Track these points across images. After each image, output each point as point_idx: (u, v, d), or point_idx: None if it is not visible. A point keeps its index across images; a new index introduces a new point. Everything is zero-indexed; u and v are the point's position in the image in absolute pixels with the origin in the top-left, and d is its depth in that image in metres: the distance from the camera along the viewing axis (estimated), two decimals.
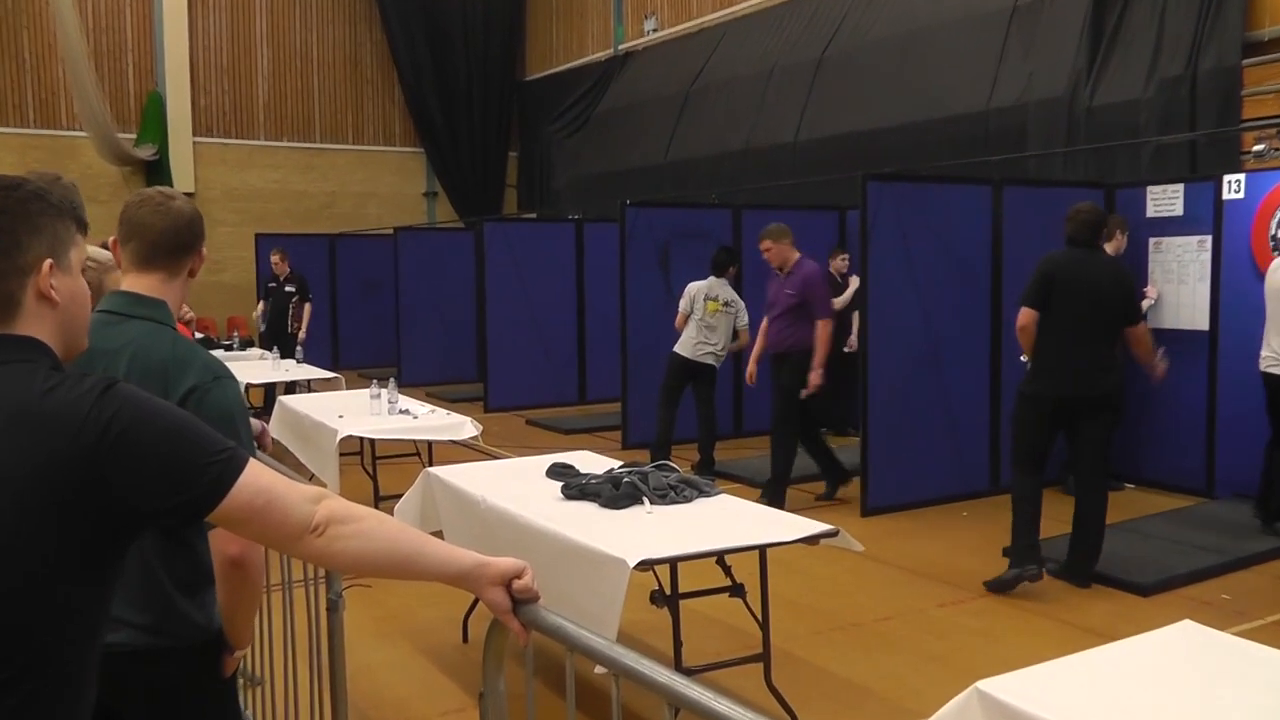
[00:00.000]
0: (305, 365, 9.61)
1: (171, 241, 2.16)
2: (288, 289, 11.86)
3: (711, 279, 8.09)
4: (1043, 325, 5.22)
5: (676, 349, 8.08)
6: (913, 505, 7.05)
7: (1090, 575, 5.40)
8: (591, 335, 11.92)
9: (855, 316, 9.66)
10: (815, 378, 6.74)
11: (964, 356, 7.35)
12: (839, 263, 9.60)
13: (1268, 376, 5.94)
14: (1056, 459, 5.84)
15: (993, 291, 7.43)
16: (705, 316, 7.96)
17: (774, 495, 6.91)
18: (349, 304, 16.06)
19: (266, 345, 11.09)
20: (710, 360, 8.03)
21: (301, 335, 11.17)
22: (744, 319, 8.07)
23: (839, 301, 9.34)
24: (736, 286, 8.48)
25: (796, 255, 6.95)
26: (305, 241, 15.47)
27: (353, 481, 6.91)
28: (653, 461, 4.55)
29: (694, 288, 8.07)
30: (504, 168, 20.32)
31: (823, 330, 6.74)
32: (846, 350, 9.53)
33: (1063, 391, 5.24)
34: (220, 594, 2.06)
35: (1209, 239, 7.20)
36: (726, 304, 8.04)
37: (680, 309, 8.08)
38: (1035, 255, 5.57)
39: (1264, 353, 5.96)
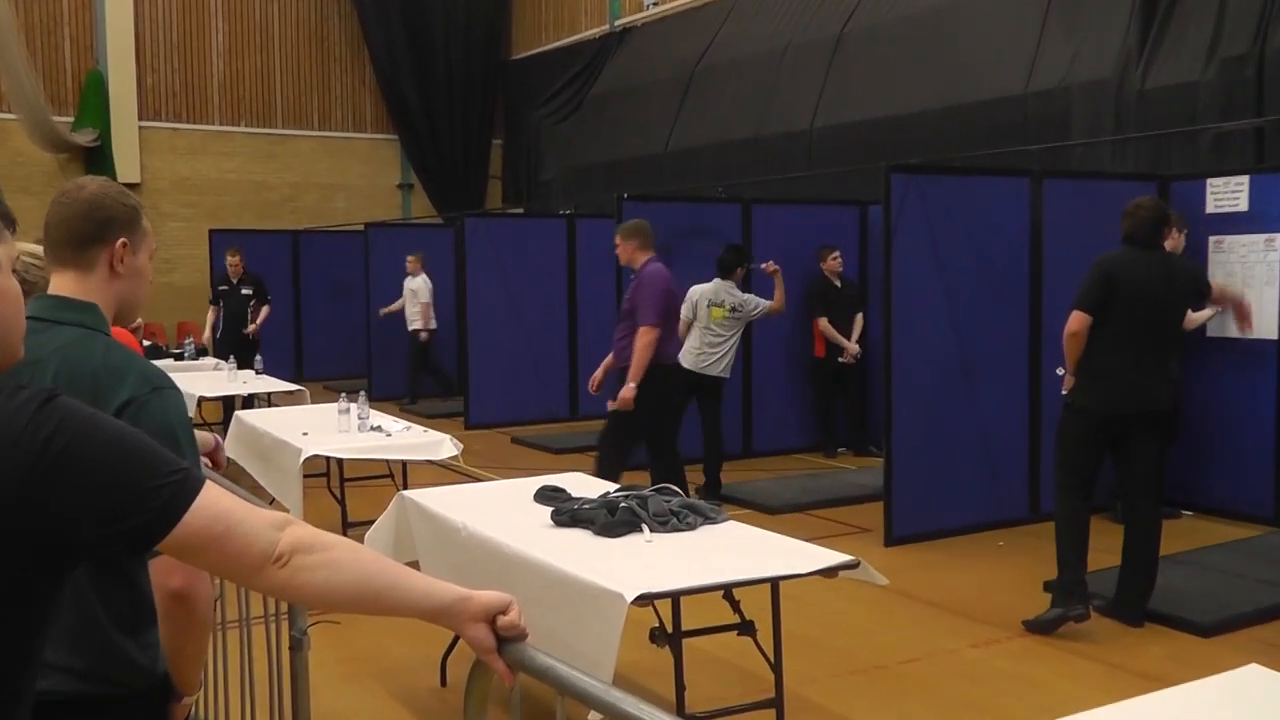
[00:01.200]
0: (265, 377, 9.61)
1: (71, 233, 2.10)
2: (244, 291, 11.86)
3: (717, 282, 8.11)
4: (1096, 333, 5.22)
5: (679, 360, 8.08)
6: (942, 534, 7.06)
7: (1143, 613, 5.40)
8: (585, 344, 11.92)
9: (857, 322, 9.72)
10: (626, 393, 6.48)
11: (999, 368, 7.35)
12: (832, 262, 9.65)
13: None
14: (1104, 482, 5.84)
15: (1031, 296, 7.44)
16: (710, 324, 7.99)
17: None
18: (314, 308, 16.06)
19: (222, 355, 11.11)
20: (717, 372, 8.05)
21: (252, 329, 11.24)
22: (761, 304, 8.16)
23: (821, 325, 9.53)
24: (746, 290, 8.50)
25: (644, 256, 6.71)
26: (265, 239, 15.49)
27: (318, 506, 6.90)
28: (653, 484, 4.54)
29: (696, 292, 8.09)
30: (487, 157, 20.36)
31: (641, 338, 6.47)
32: (843, 361, 9.58)
33: (1116, 407, 5.24)
34: (163, 633, 2.04)
35: (1278, 237, 7.21)
36: (734, 309, 8.05)
37: (682, 316, 8.09)
38: (1079, 255, 5.59)
39: None
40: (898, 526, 6.95)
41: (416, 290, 12.94)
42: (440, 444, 6.25)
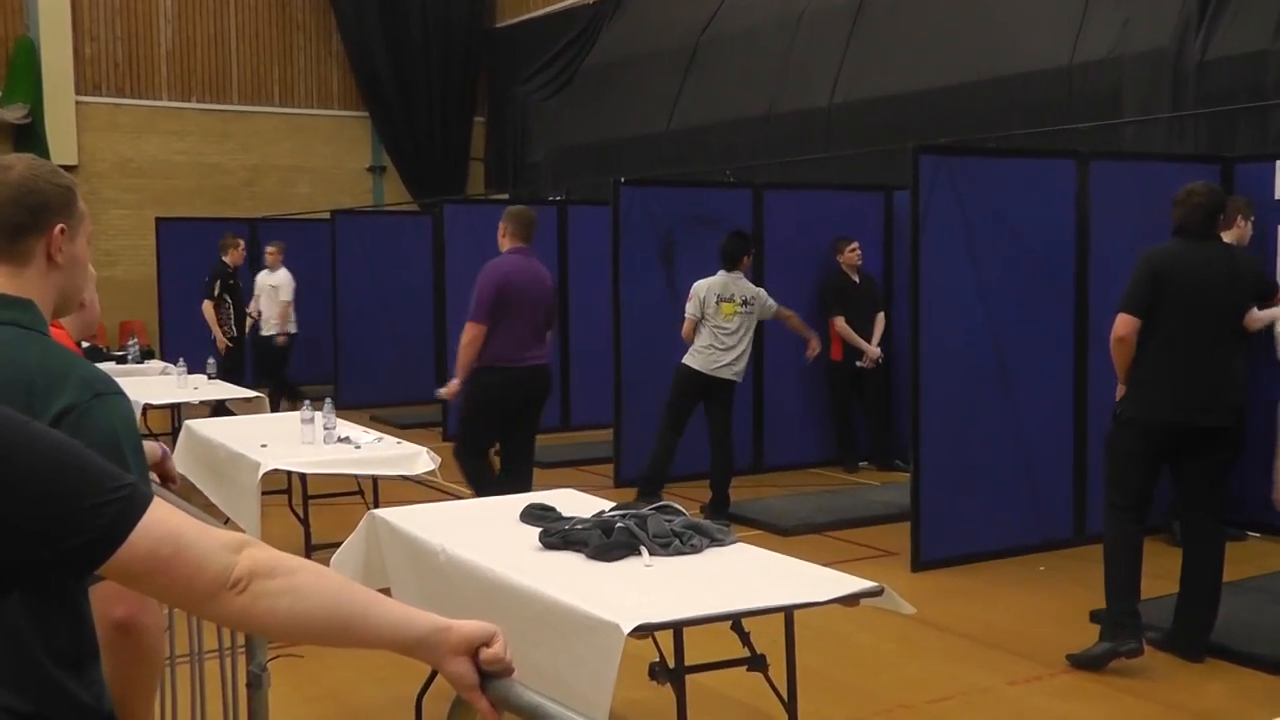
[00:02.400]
0: (219, 382, 9.61)
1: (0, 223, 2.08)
2: (205, 282, 11.91)
3: (723, 274, 8.12)
4: (1146, 336, 5.22)
5: (686, 360, 8.11)
6: (976, 558, 7.06)
7: (1204, 647, 5.40)
8: (577, 346, 11.92)
9: (878, 322, 9.73)
10: (448, 390, 7.01)
11: (1041, 373, 7.36)
12: (850, 255, 9.67)
13: None
14: (1160, 501, 5.84)
15: (1077, 292, 7.45)
16: (720, 321, 8.00)
17: None
18: None
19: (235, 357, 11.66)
20: (728, 375, 8.07)
21: (222, 335, 11.35)
22: (769, 306, 8.20)
23: (836, 324, 9.52)
24: (756, 283, 8.51)
25: (510, 245, 6.97)
26: (219, 228, 15.39)
27: (279, 527, 6.91)
28: (641, 498, 4.54)
29: (702, 287, 8.11)
30: (468, 136, 20.37)
31: (464, 335, 6.81)
32: (861, 365, 9.59)
33: (1173, 417, 5.24)
34: (108, 668, 2.02)
35: None
36: (745, 303, 8.07)
37: (688, 314, 8.10)
38: (1130, 247, 5.59)
39: None
40: (926, 549, 6.95)
41: (278, 287, 12.29)
42: (415, 457, 6.24)
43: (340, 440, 6.46)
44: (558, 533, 4.09)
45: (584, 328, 11.82)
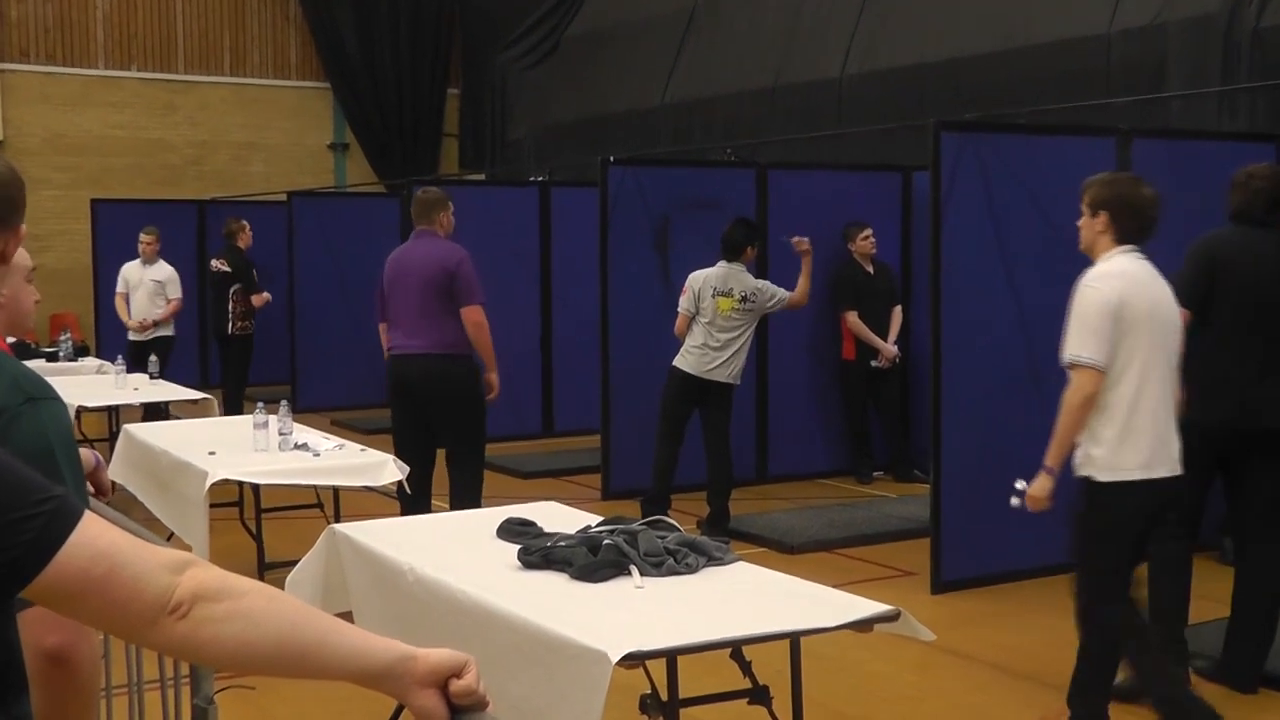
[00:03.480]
0: (161, 382, 9.60)
1: None
2: (224, 270, 11.96)
3: (723, 265, 8.12)
4: (1198, 332, 5.22)
5: (676, 362, 8.10)
6: (1004, 578, 7.07)
7: (1257, 676, 5.41)
8: (560, 343, 11.93)
9: (895, 316, 9.73)
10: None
11: None
12: (863, 243, 9.71)
13: None
14: (1210, 515, 5.84)
15: None
16: (715, 318, 8.00)
17: None
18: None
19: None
20: (723, 377, 8.08)
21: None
22: (779, 294, 8.18)
23: (848, 320, 9.60)
24: (759, 274, 8.51)
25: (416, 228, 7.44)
26: (163, 210, 15.43)
27: (228, 543, 6.89)
28: (644, 516, 4.54)
29: (698, 278, 8.10)
30: (441, 111, 20.37)
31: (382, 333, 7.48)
32: (876, 365, 9.60)
33: (1225, 422, 5.24)
34: (37, 702, 2.03)
35: None
36: (744, 299, 8.07)
37: (680, 308, 8.09)
38: (1179, 235, 5.59)
39: None
40: (948, 569, 6.96)
41: (165, 282, 11.61)
42: (381, 466, 6.25)
43: (297, 447, 6.45)
44: (538, 551, 4.08)
45: (568, 322, 11.82)
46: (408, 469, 6.37)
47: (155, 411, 9.31)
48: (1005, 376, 7.17)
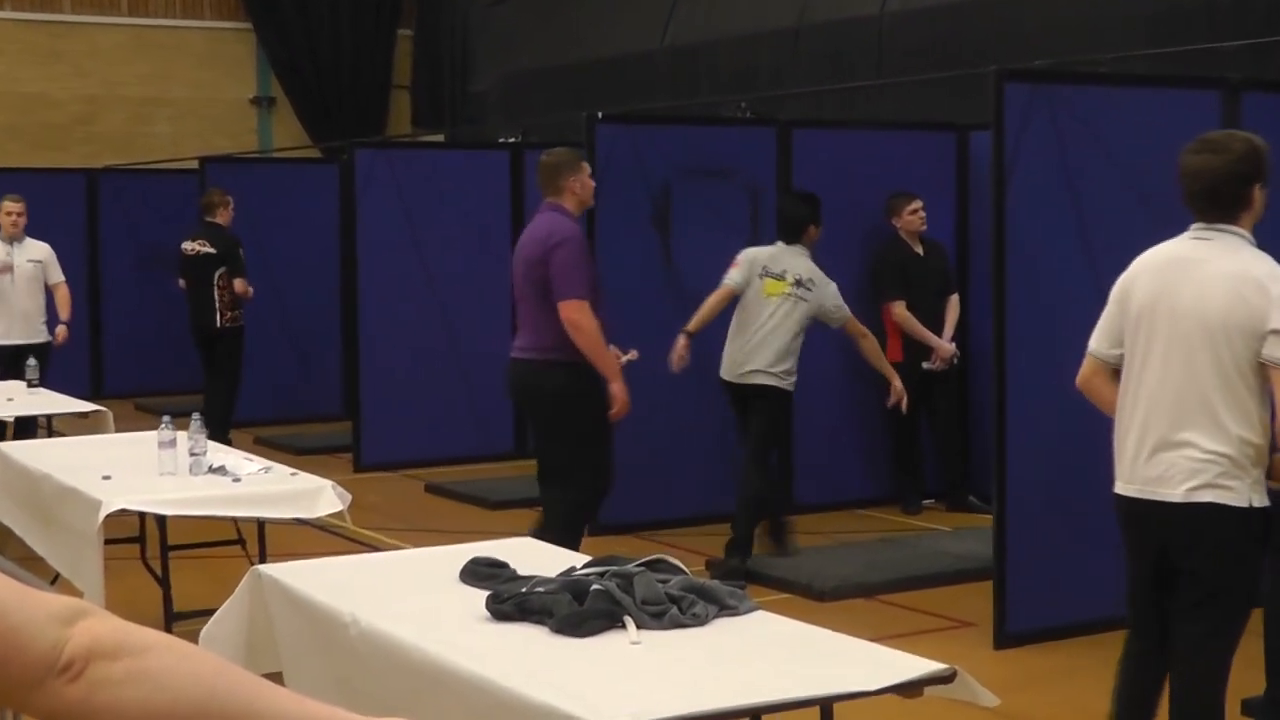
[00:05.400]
0: (42, 391, 9.57)
1: None
2: (206, 252, 11.99)
3: (780, 246, 8.26)
4: None
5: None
6: (1083, 629, 7.04)
7: None
8: None
9: (951, 307, 9.72)
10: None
11: None
12: (910, 218, 9.71)
13: None
14: None
15: None
16: (759, 303, 8.15)
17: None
18: (121, 288, 16.09)
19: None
20: (763, 379, 8.17)
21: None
22: (836, 302, 8.28)
23: (893, 312, 9.59)
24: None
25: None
26: (44, 181, 15.42)
27: (128, 588, 6.88)
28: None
29: (752, 254, 8.28)
30: (389, 57, 20.35)
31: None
32: (929, 367, 9.58)
33: None
34: None
35: None
36: (799, 283, 8.18)
37: (725, 281, 8.20)
38: None
39: None
40: (1014, 618, 6.96)
41: (45, 263, 11.42)
42: (317, 494, 6.21)
43: (213, 470, 6.42)
44: (512, 598, 4.06)
45: None
46: (349, 497, 6.35)
47: (26, 427, 9.25)
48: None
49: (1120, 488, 5.07)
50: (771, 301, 8.11)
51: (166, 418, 6.82)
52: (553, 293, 6.97)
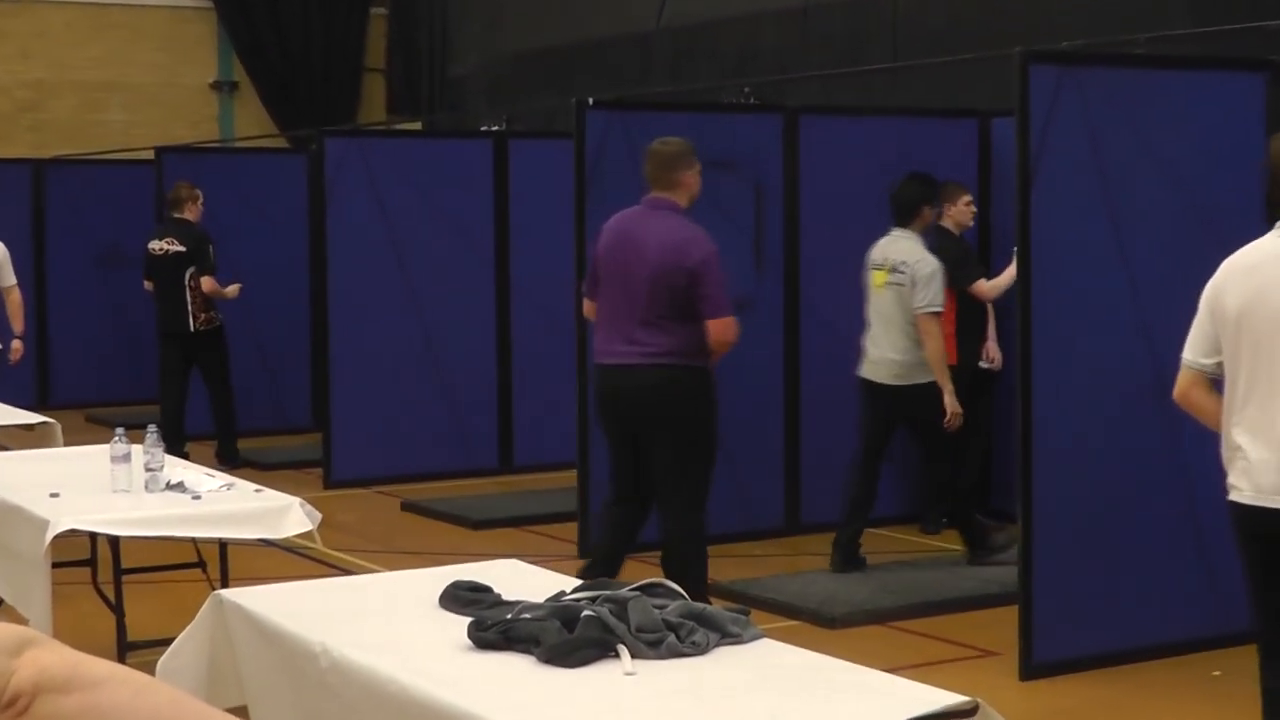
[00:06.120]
0: None
1: None
2: (176, 250, 12.06)
3: (893, 233, 8.66)
4: None
5: None
6: (1116, 659, 7.06)
7: None
8: (523, 347, 11.95)
9: (990, 310, 9.70)
10: None
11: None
12: (964, 209, 9.69)
13: None
14: None
15: None
16: (872, 294, 8.64)
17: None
18: (70, 289, 16.08)
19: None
20: (880, 375, 8.66)
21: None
22: (924, 286, 8.52)
23: (986, 288, 9.56)
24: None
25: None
26: None
27: (77, 614, 6.90)
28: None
29: (872, 248, 8.81)
30: (362, 38, 20.35)
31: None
32: (986, 367, 9.55)
33: None
34: None
35: None
36: (895, 269, 8.50)
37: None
38: None
39: None
40: (1042, 646, 6.94)
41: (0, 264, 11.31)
42: (284, 512, 6.22)
43: (170, 487, 6.42)
44: (496, 625, 4.07)
45: (533, 320, 11.82)
46: (319, 516, 6.33)
47: None
48: (1119, 389, 7.17)
49: (1247, 498, 5.11)
50: (878, 294, 8.55)
51: (120, 430, 6.81)
52: (701, 310, 7.28)
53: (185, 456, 10.23)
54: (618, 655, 3.91)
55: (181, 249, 12.12)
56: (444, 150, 12.33)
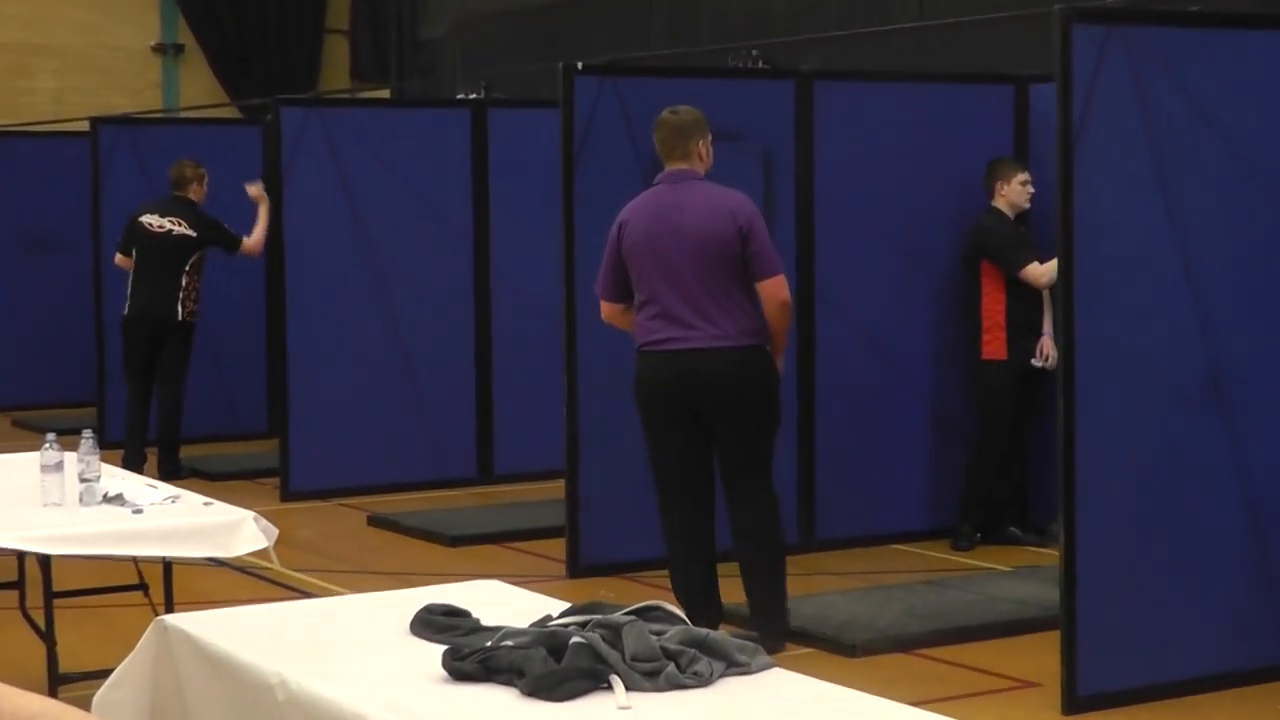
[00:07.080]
0: None
1: None
2: (183, 233, 12.14)
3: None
4: None
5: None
6: (1169, 691, 7.05)
7: None
8: (503, 343, 11.97)
9: (1045, 300, 9.70)
10: None
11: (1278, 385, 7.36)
12: (1020, 189, 9.67)
13: None
14: None
15: None
16: None
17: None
18: None
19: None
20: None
21: None
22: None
23: (1038, 273, 9.56)
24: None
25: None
26: None
27: (5, 643, 6.99)
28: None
29: None
30: None
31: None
32: (1039, 365, 9.54)
33: None
34: None
35: None
36: None
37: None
38: None
39: None
40: (1087, 677, 6.93)
41: None
42: (235, 528, 6.20)
43: (108, 499, 6.39)
44: (474, 653, 4.05)
45: (514, 312, 11.82)
46: (275, 532, 6.32)
47: None
48: (1174, 391, 7.16)
49: None
50: None
51: (51, 436, 6.79)
52: (756, 269, 7.56)
53: (178, 465, 10.28)
54: (610, 687, 3.88)
55: (190, 233, 12.17)
56: (415, 121, 12.34)
